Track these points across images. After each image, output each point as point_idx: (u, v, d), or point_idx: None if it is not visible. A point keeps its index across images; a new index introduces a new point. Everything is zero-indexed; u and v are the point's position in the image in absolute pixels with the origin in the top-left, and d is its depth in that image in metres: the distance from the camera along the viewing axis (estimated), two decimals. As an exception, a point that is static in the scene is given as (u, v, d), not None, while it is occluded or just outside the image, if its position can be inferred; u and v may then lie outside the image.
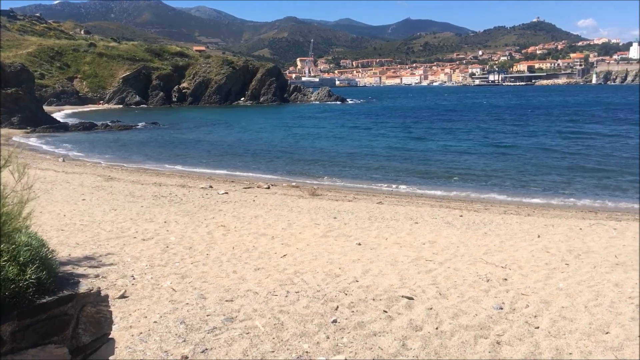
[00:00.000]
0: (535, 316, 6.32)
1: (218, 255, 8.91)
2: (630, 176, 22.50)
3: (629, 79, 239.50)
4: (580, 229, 12.27)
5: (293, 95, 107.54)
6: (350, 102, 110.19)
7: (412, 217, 13.84)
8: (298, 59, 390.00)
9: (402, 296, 6.89)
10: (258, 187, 19.77)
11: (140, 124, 53.86)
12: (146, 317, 6.09)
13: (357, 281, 7.59)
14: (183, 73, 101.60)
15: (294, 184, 21.39)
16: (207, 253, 9.06)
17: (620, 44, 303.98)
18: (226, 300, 6.64)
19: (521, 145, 34.74)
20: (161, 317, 6.08)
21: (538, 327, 5.97)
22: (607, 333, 5.85)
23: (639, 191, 19.10)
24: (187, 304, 6.51)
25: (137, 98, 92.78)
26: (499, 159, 28.54)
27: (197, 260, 8.55)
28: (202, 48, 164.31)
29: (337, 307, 6.47)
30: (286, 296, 6.82)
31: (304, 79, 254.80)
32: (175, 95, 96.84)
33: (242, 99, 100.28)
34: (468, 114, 69.93)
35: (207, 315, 6.13)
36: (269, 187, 19.88)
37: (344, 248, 9.76)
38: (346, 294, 6.95)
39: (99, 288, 3.28)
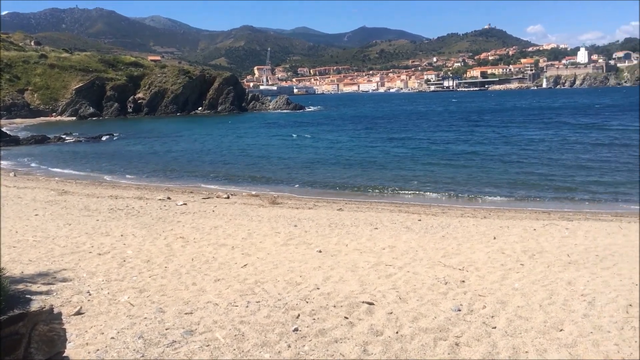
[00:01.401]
0: (492, 316, 6.45)
1: (177, 268, 8.78)
2: (579, 177, 23.30)
3: (578, 82, 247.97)
4: (534, 229, 12.61)
5: (251, 104, 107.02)
6: (308, 109, 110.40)
7: (372, 222, 13.96)
8: (255, 68, 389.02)
9: (363, 302, 6.93)
10: (217, 197, 19.59)
11: (95, 135, 52.62)
12: (103, 333, 5.95)
13: (318, 288, 7.60)
14: (138, 83, 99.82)
15: (254, 193, 21.28)
16: (166, 266, 8.92)
17: (569, 49, 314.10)
18: (185, 313, 6.55)
19: (475, 151, 35.48)
20: (119, 332, 5.95)
21: (495, 327, 6.10)
22: (561, 330, 6.02)
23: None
24: (146, 318, 6.39)
25: (91, 109, 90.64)
26: (452, 165, 29.04)
27: (155, 274, 8.40)
28: (158, 58, 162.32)
29: (299, 315, 6.47)
30: (247, 306, 6.78)
31: (262, 87, 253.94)
32: (130, 106, 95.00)
33: (200, 108, 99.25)
34: (421, 120, 70.98)
35: (166, 329, 6.04)
36: (228, 197, 19.72)
37: (304, 256, 9.76)
38: (307, 302, 6.95)
39: (52, 305, 3.20)
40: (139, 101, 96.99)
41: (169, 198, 18.76)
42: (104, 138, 51.48)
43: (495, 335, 5.91)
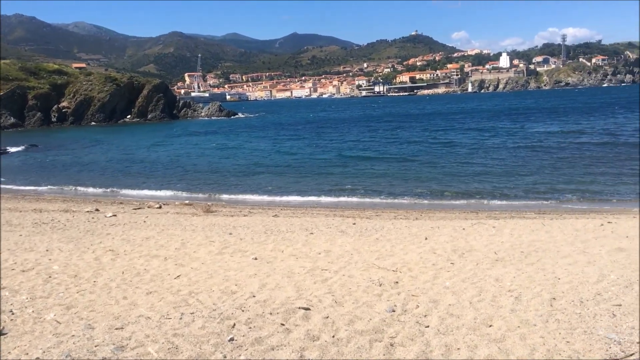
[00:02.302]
0: (425, 315, 6.60)
1: (106, 282, 8.47)
2: (504, 178, 24.32)
3: (501, 86, 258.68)
4: (464, 229, 13.03)
5: (183, 111, 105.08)
6: (242, 116, 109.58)
7: (307, 228, 14.00)
8: (186, 74, 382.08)
9: (299, 307, 6.93)
10: (149, 207, 19.10)
11: (16, 147, 50.06)
12: (27, 354, 5.65)
13: (254, 296, 7.53)
14: (62, 92, 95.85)
15: (187, 201, 20.89)
16: (95, 280, 8.58)
17: (491, 54, 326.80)
18: (116, 328, 6.32)
19: (405, 152, 36.32)
20: (44, 352, 5.67)
21: (428, 326, 6.24)
22: (490, 326, 6.23)
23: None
24: (73, 335, 6.11)
25: (12, 120, 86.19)
26: (389, 166, 29.59)
27: (83, 289, 8.07)
28: (83, 65, 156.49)
29: (234, 324, 6.38)
30: (180, 318, 6.62)
31: (193, 94, 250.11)
32: (54, 115, 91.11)
33: (129, 116, 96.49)
34: (355, 124, 71.99)
35: (96, 346, 5.80)
36: (160, 207, 19.26)
37: (240, 264, 9.66)
38: (243, 311, 6.87)
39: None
40: (63, 110, 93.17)
41: (97, 210, 18.10)
42: (27, 149, 49.00)
43: (429, 334, 6.04)
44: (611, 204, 18.28)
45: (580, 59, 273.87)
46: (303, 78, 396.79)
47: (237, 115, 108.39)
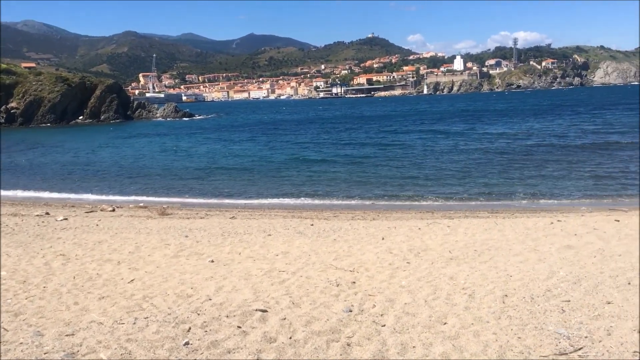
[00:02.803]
0: (381, 315, 6.66)
1: (57, 287, 8.23)
2: (458, 178, 24.81)
3: (455, 88, 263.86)
4: (419, 228, 13.22)
5: (137, 112, 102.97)
6: (198, 117, 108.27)
7: (265, 229, 13.94)
8: (141, 75, 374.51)
9: (256, 309, 6.89)
10: (102, 211, 18.65)
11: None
12: (-29, 364, 5.43)
13: (210, 299, 7.44)
14: (11, 92, 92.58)
15: (141, 204, 20.49)
16: (44, 286, 8.32)
17: (446, 57, 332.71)
18: (66, 335, 6.14)
19: (361, 154, 36.62)
20: (-10, 362, 5.46)
21: (384, 325, 6.30)
22: (445, 324, 6.34)
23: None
24: (21, 343, 5.91)
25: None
26: (345, 168, 29.76)
27: (32, 295, 7.82)
28: (33, 65, 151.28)
29: (190, 328, 6.29)
30: (134, 323, 6.48)
31: (148, 95, 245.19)
32: (2, 117, 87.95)
33: (81, 117, 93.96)
34: (313, 126, 72.16)
35: (45, 354, 5.62)
36: (114, 210, 18.84)
37: (196, 267, 9.53)
38: (199, 314, 6.78)
39: None
40: (12, 111, 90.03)
41: (47, 213, 17.55)
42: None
43: (385, 333, 6.10)
44: (560, 203, 18.86)
45: (531, 62, 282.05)
46: (261, 79, 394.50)
47: (193, 117, 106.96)
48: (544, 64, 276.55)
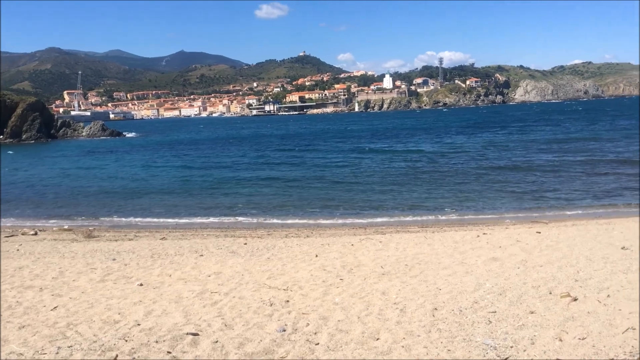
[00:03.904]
0: (315, 333, 6.66)
1: (-29, 318, 7.72)
2: (388, 194, 25.33)
3: (385, 106, 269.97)
4: (352, 244, 13.36)
5: (62, 130, 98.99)
6: (127, 135, 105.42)
7: (197, 250, 13.67)
8: (65, 92, 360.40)
9: (187, 333, 6.72)
10: (23, 235, 17.73)
11: None
12: None
13: (138, 324, 7.20)
14: None
15: (66, 227, 19.63)
16: (-43, 317, 7.79)
17: (375, 76, 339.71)
18: (-18, 370, 5.77)
19: (293, 173, 36.76)
20: None
21: (318, 344, 6.30)
22: (377, 339, 6.41)
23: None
24: None
25: None
26: (277, 186, 29.74)
27: (-57, 328, 7.29)
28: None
29: (117, 356, 6.05)
30: (57, 353, 6.17)
31: (73, 113, 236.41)
32: None
33: (1, 136, 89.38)
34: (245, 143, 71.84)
35: (-43, 392, 5.25)
36: (36, 233, 17.95)
37: (124, 291, 9.20)
38: (126, 340, 6.54)
39: None
40: None
41: (-39, 239, 16.50)
42: None
43: (319, 351, 6.10)
44: (486, 217, 19.58)
45: (456, 81, 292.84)
46: (192, 97, 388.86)
47: (122, 135, 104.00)
48: (468, 82, 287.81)
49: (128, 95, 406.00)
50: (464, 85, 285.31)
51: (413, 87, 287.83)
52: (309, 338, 6.48)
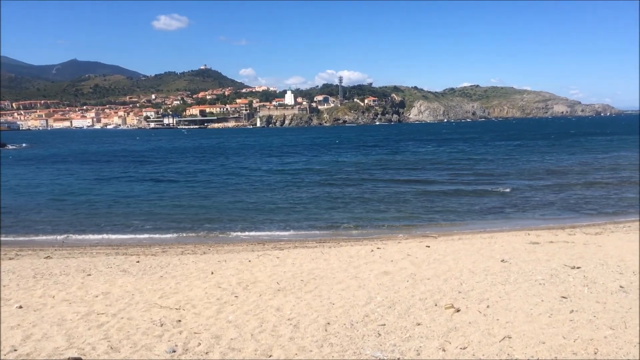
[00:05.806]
0: (206, 353, 6.55)
1: None
2: (284, 211, 25.51)
3: (287, 122, 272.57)
4: (250, 260, 13.28)
5: None
6: (11, 147, 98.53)
7: (84, 269, 12.98)
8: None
9: (69, 358, 6.37)
10: None
11: None
12: None
13: (15, 350, 6.73)
14: None
15: None
16: None
17: (277, 92, 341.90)
18: None
19: (184, 189, 36.06)
20: None
21: (209, 363, 6.21)
22: (270, 357, 6.42)
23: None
24: None
25: None
26: (167, 202, 29.00)
27: None
28: None
29: (-12, 385, 5.61)
30: None
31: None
32: None
33: None
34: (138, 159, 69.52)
35: None
36: None
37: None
38: (0, 369, 6.09)
39: None
40: None
41: None
42: None
43: (209, 370, 6.00)
44: (380, 231, 20.24)
45: (355, 99, 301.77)
46: (85, 107, 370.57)
47: (5, 146, 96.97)
48: (366, 101, 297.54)
49: (14, 104, 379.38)
50: (362, 104, 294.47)
51: (314, 104, 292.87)
52: (200, 358, 6.37)
